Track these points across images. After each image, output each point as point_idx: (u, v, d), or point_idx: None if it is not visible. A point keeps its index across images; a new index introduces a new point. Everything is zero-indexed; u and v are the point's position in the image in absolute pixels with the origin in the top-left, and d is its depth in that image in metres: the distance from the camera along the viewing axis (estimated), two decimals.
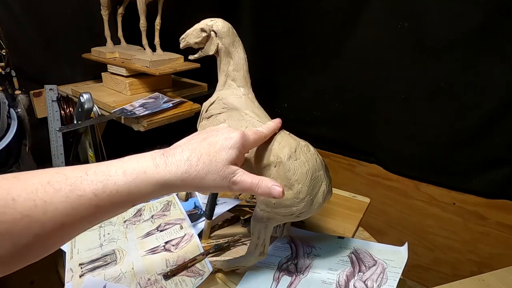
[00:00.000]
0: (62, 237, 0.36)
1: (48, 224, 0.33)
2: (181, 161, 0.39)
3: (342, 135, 1.25)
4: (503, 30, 0.84)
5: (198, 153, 0.40)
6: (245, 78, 0.59)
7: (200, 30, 0.58)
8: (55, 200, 0.33)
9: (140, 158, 0.39)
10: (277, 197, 0.43)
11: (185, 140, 0.44)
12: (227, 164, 0.41)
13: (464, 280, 0.75)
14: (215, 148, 0.41)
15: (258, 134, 0.48)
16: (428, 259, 1.17)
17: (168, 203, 0.80)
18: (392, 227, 1.23)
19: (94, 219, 0.37)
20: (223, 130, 0.44)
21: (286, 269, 0.61)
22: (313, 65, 1.22)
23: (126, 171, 0.37)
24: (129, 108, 0.85)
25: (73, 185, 0.34)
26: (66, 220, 0.34)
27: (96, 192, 0.35)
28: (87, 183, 0.35)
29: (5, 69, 0.91)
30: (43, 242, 0.34)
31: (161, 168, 0.38)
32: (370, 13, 1.03)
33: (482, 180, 0.99)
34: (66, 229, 0.35)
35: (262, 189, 0.43)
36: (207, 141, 0.42)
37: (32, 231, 0.32)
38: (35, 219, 0.32)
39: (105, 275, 0.60)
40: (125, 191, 0.36)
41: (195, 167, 0.39)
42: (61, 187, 0.34)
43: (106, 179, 0.36)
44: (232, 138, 0.43)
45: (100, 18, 1.01)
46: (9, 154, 0.94)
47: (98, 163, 0.38)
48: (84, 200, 0.34)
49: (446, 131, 1.00)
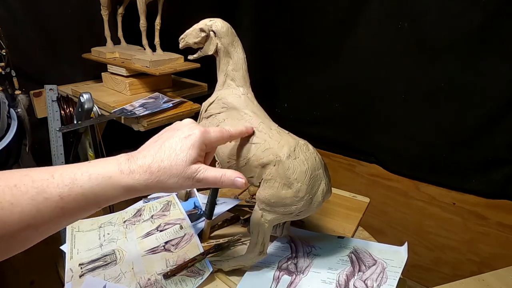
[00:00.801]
0: (28, 238, 0.36)
1: (14, 226, 0.34)
2: (143, 168, 0.40)
3: (342, 135, 1.25)
4: (503, 30, 0.84)
5: (158, 159, 0.41)
6: (244, 78, 0.59)
7: (199, 30, 0.58)
8: (22, 202, 0.34)
9: (106, 163, 0.40)
10: (240, 187, 0.45)
11: (150, 142, 0.45)
12: (188, 165, 0.41)
13: (464, 280, 0.75)
14: (175, 151, 0.42)
15: (223, 132, 0.48)
16: (428, 259, 1.17)
17: (168, 203, 0.80)
18: (392, 227, 1.23)
19: (60, 220, 0.37)
20: (184, 129, 0.44)
21: (286, 269, 0.61)
22: (313, 65, 1.22)
23: (91, 175, 0.38)
24: (129, 108, 0.85)
25: (39, 188, 0.35)
26: (32, 221, 0.35)
27: (62, 195, 0.36)
28: (53, 186, 0.36)
29: (5, 69, 0.91)
30: (8, 243, 0.34)
31: (125, 175, 0.39)
32: (370, 13, 1.03)
33: (482, 180, 0.99)
34: (32, 231, 0.35)
35: (226, 182, 0.44)
36: (167, 144, 0.42)
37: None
38: (1, 220, 0.33)
39: (105, 275, 0.60)
40: (90, 194, 0.37)
41: (156, 173, 0.40)
42: (27, 190, 0.34)
43: (71, 182, 0.36)
44: (191, 136, 0.43)
45: (100, 18, 1.01)
46: (9, 154, 0.94)
47: (64, 165, 0.39)
48: (50, 202, 0.35)
49: (446, 131, 1.00)
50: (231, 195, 0.87)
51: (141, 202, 0.81)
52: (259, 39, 1.29)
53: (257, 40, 1.29)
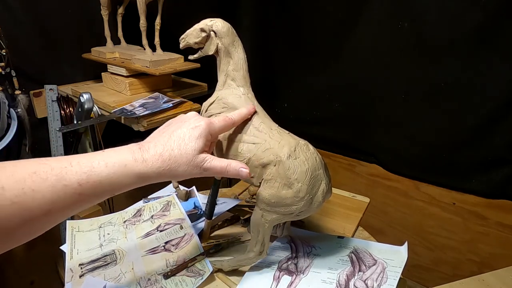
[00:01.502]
0: (47, 223, 0.38)
1: (35, 211, 0.35)
2: (155, 156, 0.42)
3: (342, 135, 1.25)
4: (503, 30, 0.85)
5: (169, 148, 0.43)
6: (245, 78, 0.59)
7: (200, 30, 0.58)
8: (43, 188, 0.35)
9: (119, 152, 0.42)
10: (244, 177, 0.48)
11: (157, 134, 0.47)
12: (196, 154, 0.44)
13: (464, 280, 0.75)
14: (184, 141, 0.44)
15: (226, 121, 0.50)
16: (428, 259, 1.17)
17: (168, 203, 0.80)
18: (392, 227, 1.23)
19: (77, 206, 0.39)
20: (190, 120, 0.47)
21: (286, 269, 0.61)
22: (313, 65, 1.22)
23: (108, 164, 0.40)
24: (129, 108, 0.85)
25: (59, 175, 0.36)
26: (53, 207, 0.36)
27: (80, 182, 0.37)
28: (72, 174, 0.37)
29: (5, 69, 0.91)
30: (29, 227, 0.36)
31: (139, 162, 0.41)
32: (370, 13, 1.03)
33: (482, 180, 0.99)
34: (52, 216, 0.37)
35: (231, 172, 0.47)
36: (176, 135, 0.45)
37: (20, 217, 0.34)
38: (23, 206, 0.34)
39: (105, 275, 0.60)
40: (107, 182, 0.39)
41: (167, 161, 0.42)
42: (47, 177, 0.36)
43: (89, 170, 0.38)
44: (199, 127, 0.45)
45: (100, 18, 1.01)
46: (9, 154, 0.94)
47: (77, 155, 0.40)
48: (69, 189, 0.37)
49: (446, 131, 1.00)
50: (231, 195, 0.87)
51: (141, 202, 0.81)
52: (259, 39, 1.29)
53: (257, 40, 1.29)
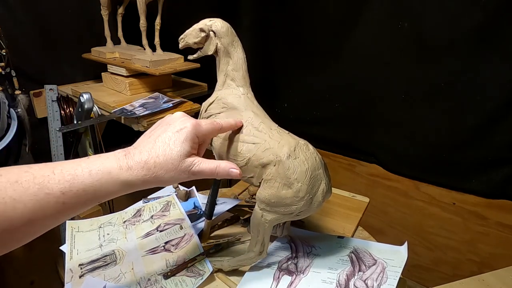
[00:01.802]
0: (30, 232, 0.37)
1: (16, 221, 0.34)
2: (140, 164, 0.41)
3: (342, 135, 1.25)
4: (503, 30, 0.85)
5: (154, 155, 0.42)
6: (244, 78, 0.59)
7: (199, 30, 0.58)
8: (24, 198, 0.35)
9: (104, 159, 0.41)
10: (235, 178, 0.47)
11: (143, 138, 0.45)
12: (182, 159, 0.42)
13: (464, 280, 0.75)
14: (169, 146, 0.42)
15: (214, 124, 0.49)
16: (428, 259, 1.17)
17: (168, 203, 0.80)
18: (392, 227, 1.23)
19: (60, 215, 0.38)
20: (176, 123, 0.45)
21: (286, 269, 0.61)
22: (313, 65, 1.22)
23: (91, 171, 0.39)
24: (129, 108, 0.85)
25: (41, 184, 0.36)
26: (34, 216, 0.35)
27: (63, 191, 0.37)
28: (54, 182, 0.36)
29: (5, 69, 0.91)
30: (10, 237, 0.35)
31: (124, 170, 0.40)
32: (370, 13, 1.03)
33: (482, 180, 0.99)
34: (34, 225, 0.36)
35: (221, 173, 0.46)
36: (161, 140, 0.43)
37: (0, 227, 0.33)
38: (4, 215, 0.33)
39: (105, 276, 0.60)
40: (91, 190, 0.38)
41: (153, 169, 0.41)
42: (29, 186, 0.35)
43: (72, 178, 0.37)
44: (184, 130, 0.44)
45: (100, 18, 1.01)
46: (9, 154, 0.94)
47: (62, 161, 0.39)
48: (51, 198, 0.36)
49: (446, 131, 1.00)
50: (231, 195, 0.87)
51: (141, 202, 0.81)
52: (259, 39, 1.29)
53: (257, 40, 1.29)
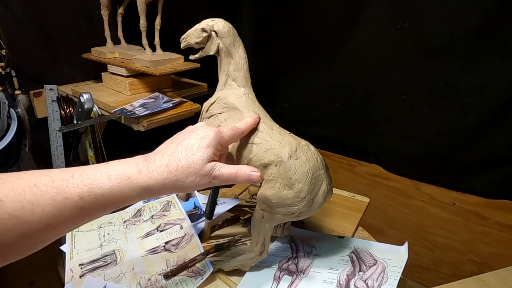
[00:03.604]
0: (47, 237, 0.37)
1: (34, 225, 0.34)
2: (161, 167, 0.41)
3: (342, 135, 1.25)
4: (503, 30, 0.85)
5: (176, 158, 0.42)
6: (246, 78, 0.59)
7: (201, 30, 0.58)
8: (42, 202, 0.34)
9: (124, 163, 0.40)
10: (256, 181, 0.46)
11: (165, 145, 0.46)
12: (205, 163, 0.43)
13: (464, 280, 0.75)
14: (192, 151, 0.43)
15: (235, 130, 0.50)
16: (428, 259, 1.17)
17: (168, 203, 0.80)
18: (392, 227, 1.23)
19: (78, 220, 0.38)
20: (199, 130, 0.46)
21: (287, 269, 0.61)
22: (313, 65, 1.22)
23: (111, 176, 0.38)
24: (129, 108, 0.85)
25: (60, 188, 0.35)
26: (52, 221, 0.35)
27: (81, 195, 0.36)
28: (73, 186, 0.36)
29: (5, 69, 0.91)
30: (28, 242, 0.35)
31: (143, 174, 0.40)
32: (370, 13, 1.03)
33: (482, 180, 0.99)
34: (51, 230, 0.36)
35: (241, 178, 0.45)
36: (183, 145, 0.43)
37: (18, 231, 0.33)
38: (22, 219, 0.33)
39: (105, 276, 0.60)
40: (109, 194, 0.38)
41: (174, 172, 0.41)
42: (47, 190, 0.35)
43: (91, 183, 0.37)
44: (207, 137, 0.44)
45: (100, 18, 1.01)
46: (9, 154, 0.94)
47: (82, 166, 0.39)
48: (70, 202, 0.35)
49: (446, 131, 1.00)
50: (231, 195, 0.87)
51: (141, 202, 0.81)
52: (259, 39, 1.29)
53: (257, 40, 1.29)
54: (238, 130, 0.50)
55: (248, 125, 0.53)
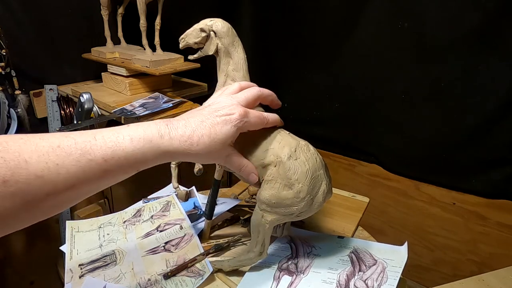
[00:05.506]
0: (72, 198, 0.37)
1: (60, 186, 0.34)
2: (183, 137, 0.41)
3: (342, 135, 1.25)
4: (503, 30, 0.84)
5: (199, 134, 0.42)
6: (245, 78, 0.59)
7: (200, 30, 0.58)
8: (67, 163, 0.34)
9: (146, 126, 0.40)
10: (251, 182, 0.49)
11: (189, 114, 0.45)
12: (226, 146, 0.44)
13: (464, 280, 0.75)
14: (215, 130, 0.42)
15: (261, 118, 0.48)
16: (428, 259, 1.17)
17: (168, 203, 0.80)
18: (392, 227, 1.23)
19: (101, 182, 0.38)
20: (225, 109, 0.45)
21: (287, 269, 0.61)
22: (313, 65, 1.22)
23: (133, 139, 0.38)
24: (129, 108, 0.85)
25: (83, 150, 0.35)
26: (77, 182, 0.35)
27: (105, 158, 0.36)
28: (96, 148, 0.36)
29: (5, 69, 0.91)
30: (53, 201, 0.35)
31: (165, 139, 0.40)
32: (370, 13, 1.03)
33: (482, 180, 0.99)
34: (76, 191, 0.36)
35: (244, 173, 0.48)
36: (208, 122, 0.43)
37: (44, 191, 0.33)
38: (48, 180, 0.33)
39: (105, 276, 0.60)
40: (132, 157, 0.38)
41: (195, 146, 0.41)
42: (71, 151, 0.35)
43: (114, 145, 0.37)
44: (232, 118, 0.44)
45: (100, 18, 1.01)
46: None
47: (102, 129, 0.38)
48: (94, 164, 0.35)
49: (446, 131, 1.00)
50: (231, 195, 0.87)
51: (141, 203, 0.81)
52: (259, 39, 1.29)
53: (257, 40, 1.29)
54: (264, 119, 0.49)
55: (274, 119, 0.52)
